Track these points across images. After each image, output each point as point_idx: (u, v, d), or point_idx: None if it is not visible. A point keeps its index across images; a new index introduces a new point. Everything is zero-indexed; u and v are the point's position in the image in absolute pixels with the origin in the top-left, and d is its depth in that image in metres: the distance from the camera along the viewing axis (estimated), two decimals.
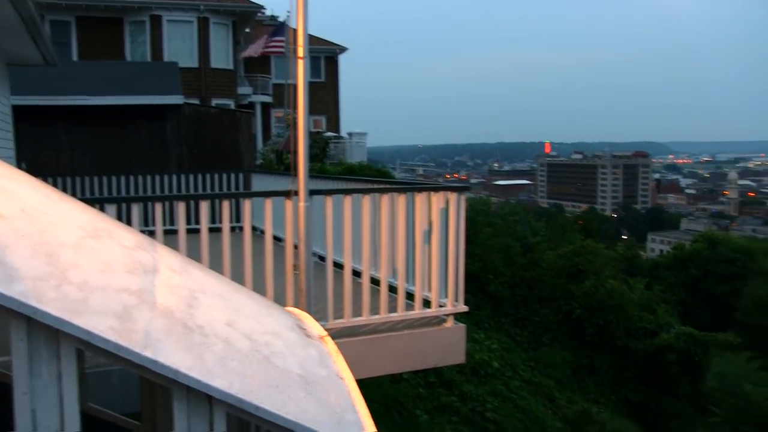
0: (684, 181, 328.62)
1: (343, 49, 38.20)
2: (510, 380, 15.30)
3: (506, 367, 15.94)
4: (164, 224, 4.99)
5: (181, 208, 4.99)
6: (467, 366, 14.31)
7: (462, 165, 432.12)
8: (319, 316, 5.41)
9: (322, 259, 6.65)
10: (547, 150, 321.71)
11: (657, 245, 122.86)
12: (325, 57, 37.41)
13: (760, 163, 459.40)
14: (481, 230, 23.06)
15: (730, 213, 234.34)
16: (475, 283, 20.70)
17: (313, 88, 34.20)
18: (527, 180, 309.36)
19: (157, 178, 12.17)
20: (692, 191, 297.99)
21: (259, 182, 12.14)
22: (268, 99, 33.37)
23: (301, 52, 5.08)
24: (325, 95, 36.80)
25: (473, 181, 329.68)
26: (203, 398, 1.87)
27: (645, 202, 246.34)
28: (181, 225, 4.98)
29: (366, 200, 5.82)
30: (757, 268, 34.60)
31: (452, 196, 6.22)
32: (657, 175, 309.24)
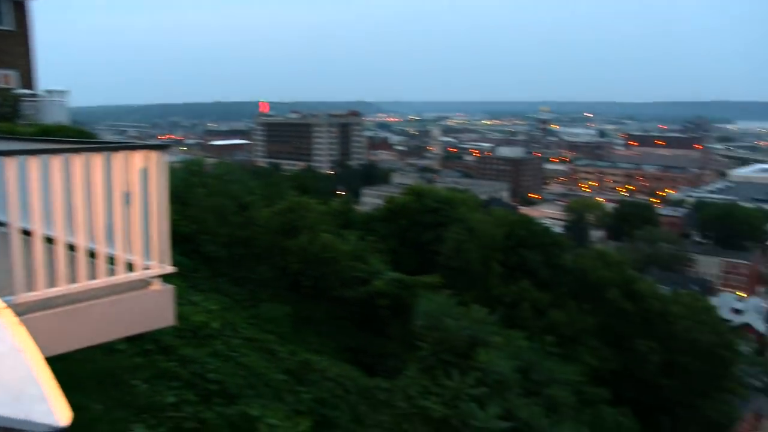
0: (394, 139, 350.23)
1: None
2: (230, 339, 15.34)
3: (226, 327, 15.96)
4: None
5: None
6: (186, 329, 14.11)
7: (178, 125, 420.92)
8: (7, 291, 4.99)
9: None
10: (264, 109, 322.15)
11: (371, 199, 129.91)
12: (13, 2, 33.46)
13: (459, 121, 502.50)
14: (195, 191, 22.65)
15: (434, 167, 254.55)
16: (190, 245, 20.34)
17: None
18: (245, 140, 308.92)
19: None
20: (402, 148, 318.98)
21: None
22: None
23: None
24: (15, 47, 32.99)
25: (189, 141, 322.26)
26: None
27: (359, 159, 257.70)
28: None
29: (56, 161, 5.42)
30: (456, 216, 38.07)
31: (153, 155, 6.01)
32: (370, 133, 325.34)
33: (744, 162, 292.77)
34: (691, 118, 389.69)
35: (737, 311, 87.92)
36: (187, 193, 22.94)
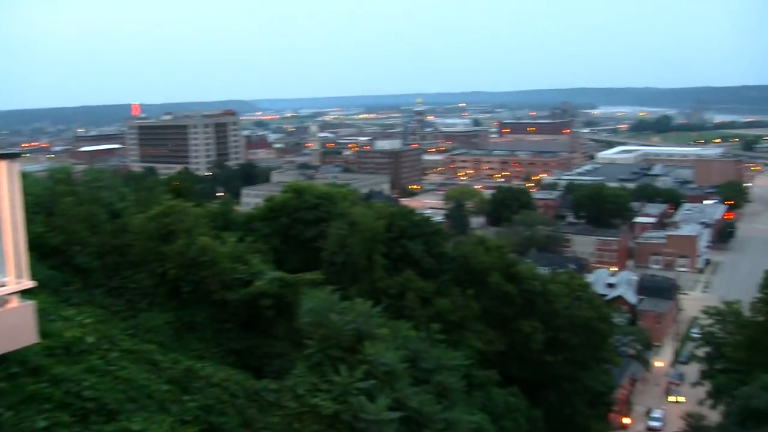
0: (272, 137, 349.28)
1: None
2: (107, 353, 14.67)
3: (103, 340, 15.25)
4: None
5: None
6: (57, 346, 13.38)
7: (42, 132, 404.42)
8: None
9: None
10: (136, 112, 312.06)
11: (251, 199, 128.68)
12: None
13: (336, 117, 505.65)
14: (62, 200, 21.61)
15: (314, 163, 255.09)
16: (60, 258, 19.41)
17: None
18: (117, 144, 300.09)
19: None
20: (280, 145, 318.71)
21: None
22: None
23: None
24: None
25: (57, 148, 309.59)
26: None
27: (237, 158, 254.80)
28: None
29: None
30: (337, 211, 38.15)
31: (2, 165, 5.62)
32: (247, 132, 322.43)
33: (609, 144, 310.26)
34: (557, 105, 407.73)
35: (611, 285, 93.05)
36: (54, 203, 21.87)
